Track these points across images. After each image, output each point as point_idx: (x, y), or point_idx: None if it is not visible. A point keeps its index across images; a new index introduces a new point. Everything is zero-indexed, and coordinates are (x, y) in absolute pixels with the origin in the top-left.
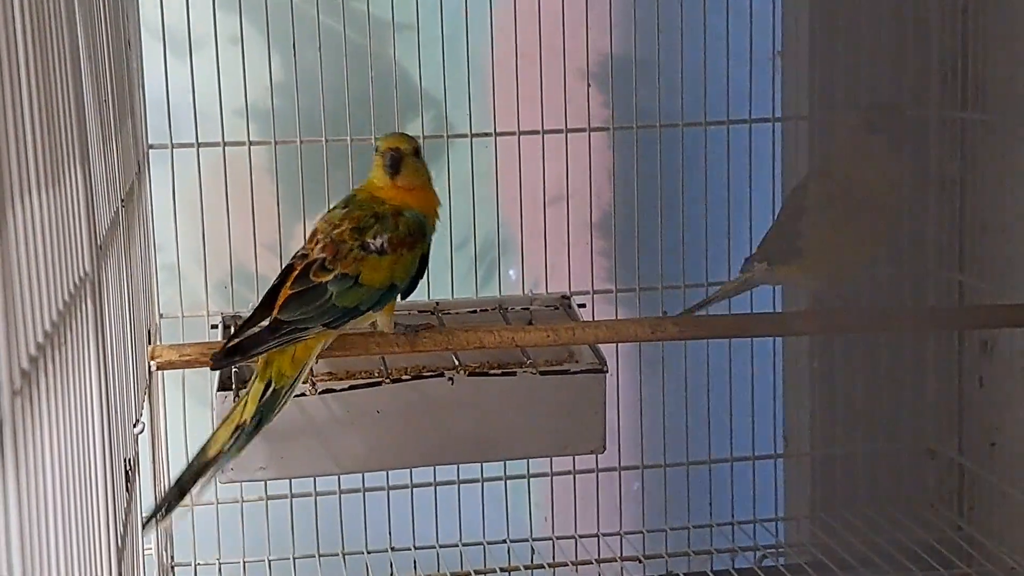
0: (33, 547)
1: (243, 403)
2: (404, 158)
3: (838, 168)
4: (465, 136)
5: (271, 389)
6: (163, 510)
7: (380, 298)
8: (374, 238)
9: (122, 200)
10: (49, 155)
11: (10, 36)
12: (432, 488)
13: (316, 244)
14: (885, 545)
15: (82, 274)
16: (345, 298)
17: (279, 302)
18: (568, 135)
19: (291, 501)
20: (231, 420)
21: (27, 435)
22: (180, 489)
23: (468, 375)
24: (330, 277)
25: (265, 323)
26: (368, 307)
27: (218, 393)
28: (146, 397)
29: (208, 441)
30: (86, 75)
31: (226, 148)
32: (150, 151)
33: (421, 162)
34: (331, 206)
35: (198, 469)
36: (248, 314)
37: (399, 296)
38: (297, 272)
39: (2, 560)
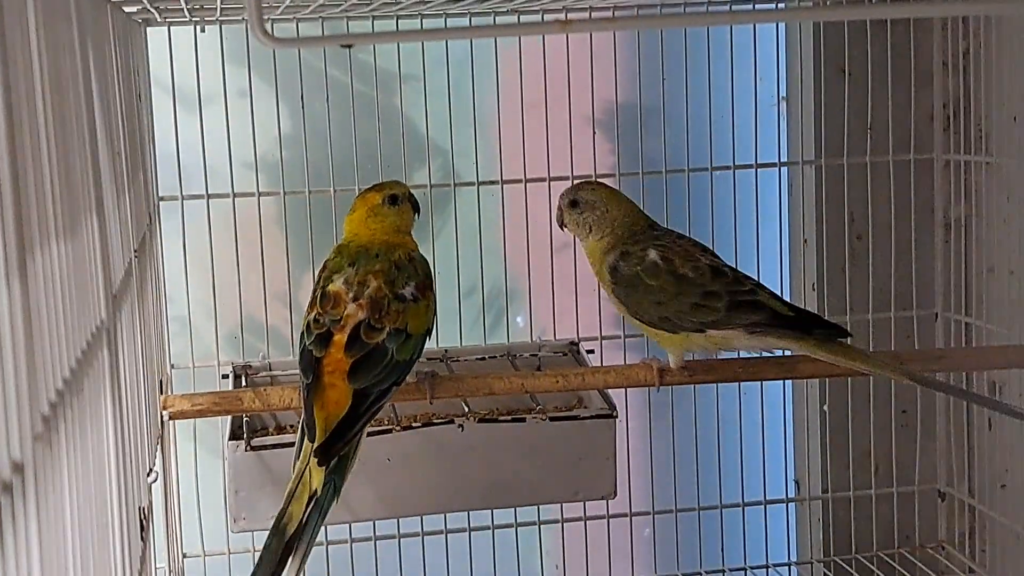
0: None
1: (304, 472)
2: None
3: None
4: (472, 184)
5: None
6: None
7: (422, 344)
8: (404, 287)
9: (135, 251)
10: (66, 205)
11: (30, 91)
12: (443, 536)
13: (344, 306)
14: None
15: (98, 323)
16: (402, 352)
17: (332, 370)
18: (574, 182)
19: None
20: (300, 494)
21: (47, 480)
22: (272, 572)
23: (478, 422)
24: (383, 335)
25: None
26: (418, 356)
27: (229, 442)
28: (158, 446)
29: (280, 520)
30: (100, 129)
31: (236, 199)
32: (160, 203)
33: None
34: (327, 267)
35: (281, 550)
36: (259, 362)
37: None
38: (346, 337)
39: None
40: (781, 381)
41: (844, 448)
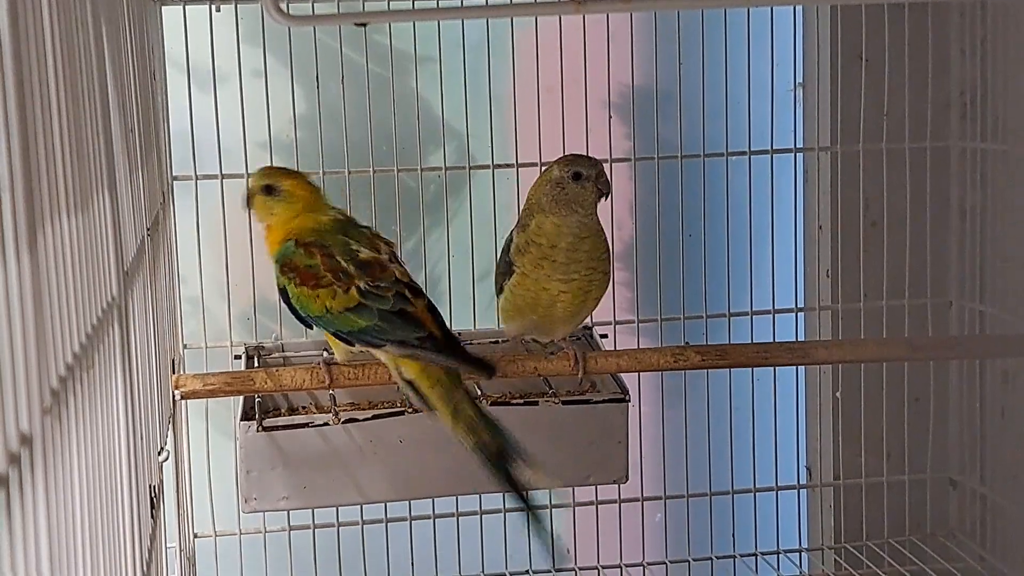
0: (62, 568)
1: (458, 411)
2: None
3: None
4: (487, 167)
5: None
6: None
7: None
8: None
9: (147, 229)
10: (78, 180)
11: (44, 65)
12: (454, 518)
13: (390, 269)
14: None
15: (110, 299)
16: None
17: (432, 319)
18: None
19: (314, 531)
20: (476, 427)
21: (56, 454)
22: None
23: (490, 405)
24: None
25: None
26: None
27: (241, 423)
28: (170, 426)
29: (488, 451)
30: (113, 106)
31: (250, 180)
32: (174, 182)
33: None
34: (327, 245)
35: (507, 468)
36: (272, 343)
37: None
38: (413, 295)
39: None
40: (794, 367)
41: (856, 435)
